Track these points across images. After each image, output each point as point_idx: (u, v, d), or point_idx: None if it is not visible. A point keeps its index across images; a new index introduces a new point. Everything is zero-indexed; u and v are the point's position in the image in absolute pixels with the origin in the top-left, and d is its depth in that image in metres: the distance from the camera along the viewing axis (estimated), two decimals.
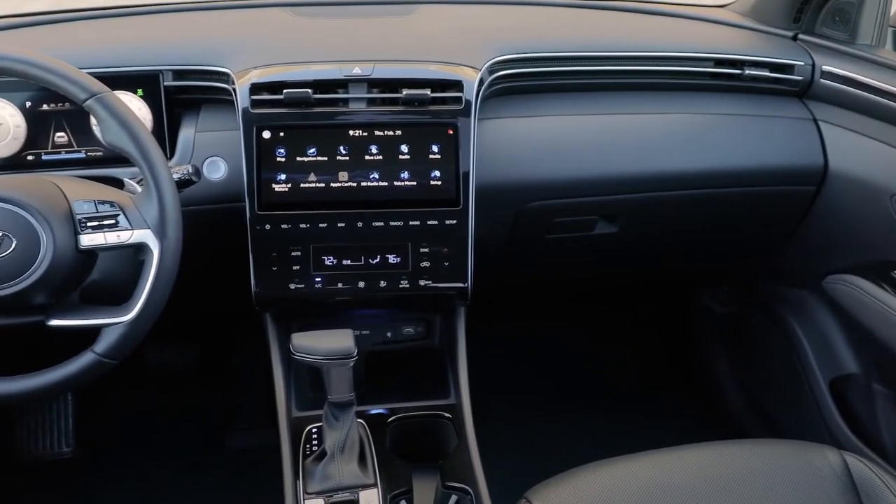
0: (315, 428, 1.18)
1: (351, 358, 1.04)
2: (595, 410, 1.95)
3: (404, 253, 1.19)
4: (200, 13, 1.40)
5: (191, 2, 1.45)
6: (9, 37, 1.32)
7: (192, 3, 1.44)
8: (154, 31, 1.35)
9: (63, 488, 1.76)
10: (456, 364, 1.27)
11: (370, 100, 1.18)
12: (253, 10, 1.41)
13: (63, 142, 1.20)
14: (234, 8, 1.41)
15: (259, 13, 1.39)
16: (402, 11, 1.40)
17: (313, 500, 1.06)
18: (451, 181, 1.18)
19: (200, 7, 1.41)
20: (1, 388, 0.95)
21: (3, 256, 0.91)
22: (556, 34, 1.38)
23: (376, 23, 1.37)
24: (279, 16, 1.37)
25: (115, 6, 1.42)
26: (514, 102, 1.30)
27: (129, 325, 0.94)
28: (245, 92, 1.16)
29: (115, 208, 0.95)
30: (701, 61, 1.38)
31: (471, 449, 1.17)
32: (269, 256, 1.17)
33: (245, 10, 1.40)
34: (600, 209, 1.37)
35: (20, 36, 1.32)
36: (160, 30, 1.35)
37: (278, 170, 1.16)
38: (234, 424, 1.88)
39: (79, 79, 0.94)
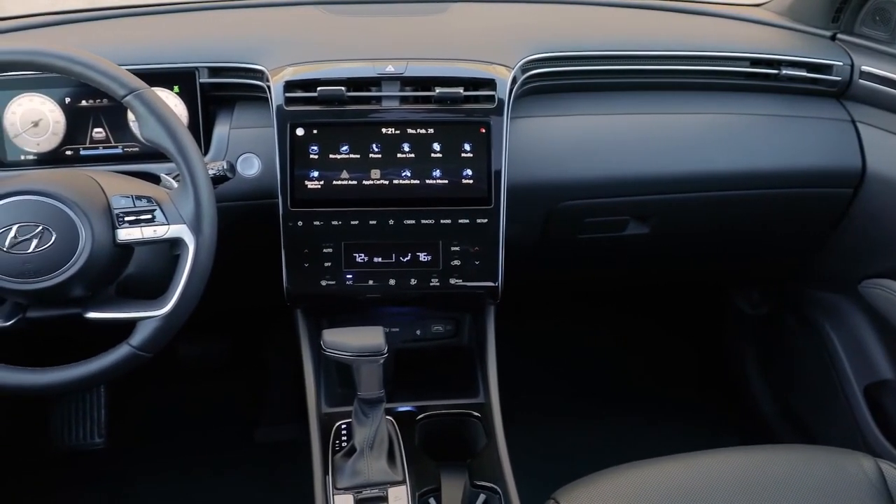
0: (344, 424, 1.19)
1: (381, 355, 1.04)
2: (622, 412, 1.94)
3: (435, 251, 1.19)
4: (235, 11, 1.41)
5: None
6: (48, 34, 1.35)
7: (228, 1, 1.46)
8: (190, 28, 1.36)
9: (94, 478, 1.79)
10: (485, 363, 1.27)
11: (403, 98, 1.19)
12: (287, 7, 1.41)
13: (101, 137, 1.22)
14: (269, 6, 1.42)
15: (293, 11, 1.40)
16: (436, 9, 1.40)
17: (342, 496, 1.06)
18: (483, 180, 1.18)
19: (235, 5, 1.42)
20: (38, 380, 0.97)
21: (43, 249, 0.92)
22: (589, 33, 1.37)
23: (410, 21, 1.37)
24: (313, 13, 1.38)
25: (152, 4, 1.44)
26: (546, 101, 1.29)
27: (164, 318, 0.96)
28: (279, 89, 1.17)
29: (151, 203, 0.97)
30: (736, 61, 1.36)
31: (500, 448, 1.17)
32: (301, 253, 1.18)
33: (279, 8, 1.41)
34: (632, 209, 1.36)
35: (58, 33, 1.35)
36: (196, 27, 1.37)
37: (311, 167, 1.17)
38: (263, 419, 1.90)
39: (118, 75, 0.95)
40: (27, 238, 0.92)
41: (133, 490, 1.76)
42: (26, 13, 1.43)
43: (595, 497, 1.01)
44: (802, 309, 1.72)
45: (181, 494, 1.74)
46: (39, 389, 0.98)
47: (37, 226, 0.92)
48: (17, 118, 1.19)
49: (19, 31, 1.36)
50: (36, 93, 1.19)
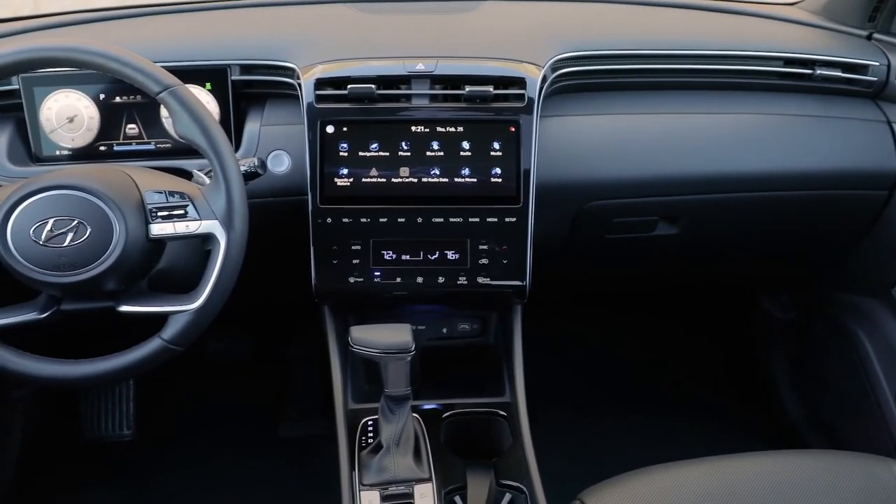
0: (371, 420, 1.19)
1: (409, 352, 1.04)
2: (647, 415, 1.93)
3: (463, 249, 1.19)
4: (267, 9, 1.42)
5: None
6: (82, 31, 1.37)
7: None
8: (222, 26, 1.37)
9: (122, 469, 1.81)
10: (512, 362, 1.27)
11: (432, 96, 1.19)
12: (318, 6, 1.42)
13: (134, 133, 1.23)
14: (300, 4, 1.42)
15: (324, 9, 1.40)
16: (466, 7, 1.40)
17: (368, 492, 1.07)
18: (512, 179, 1.18)
19: (267, 3, 1.43)
20: (71, 371, 0.98)
21: (78, 243, 0.93)
22: (620, 31, 1.36)
23: (439, 19, 1.37)
24: (344, 12, 1.38)
25: (185, 1, 1.45)
26: (576, 100, 1.29)
27: (195, 313, 0.97)
28: (310, 87, 1.17)
29: (184, 199, 0.98)
30: (770, 60, 1.35)
31: (526, 448, 1.17)
32: (330, 250, 1.19)
33: (310, 6, 1.42)
34: (662, 210, 1.35)
35: (92, 30, 1.37)
36: (228, 25, 1.38)
37: (341, 164, 1.17)
38: (288, 414, 1.91)
39: (153, 72, 0.96)
40: (63, 232, 0.93)
41: (159, 482, 1.78)
42: (61, 11, 1.45)
43: (622, 498, 1.01)
44: (833, 313, 1.69)
45: (207, 487, 1.76)
46: (72, 381, 0.99)
47: (72, 220, 0.94)
48: (53, 114, 1.21)
49: (54, 29, 1.38)
50: (71, 89, 1.21)
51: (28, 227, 0.93)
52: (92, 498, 1.73)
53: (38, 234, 0.93)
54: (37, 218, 0.93)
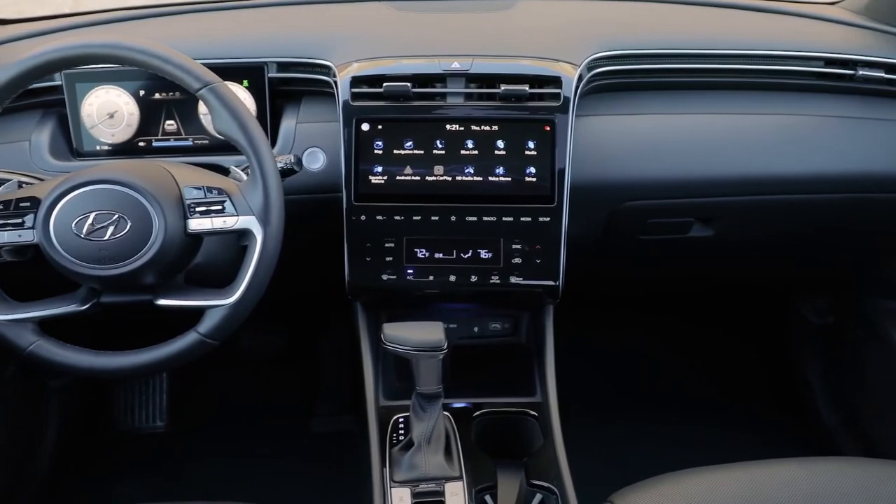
0: (402, 418, 1.20)
1: (441, 351, 1.04)
2: (678, 418, 1.90)
3: (496, 248, 1.19)
4: (303, 7, 1.43)
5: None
6: (122, 29, 1.39)
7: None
8: (259, 24, 1.39)
9: (154, 460, 1.84)
10: (543, 362, 1.26)
11: (468, 94, 1.19)
12: (354, 4, 1.43)
13: (172, 129, 1.25)
14: (336, 2, 1.43)
15: (360, 7, 1.41)
16: (501, 6, 1.39)
17: (400, 489, 1.07)
18: (547, 178, 1.18)
19: (303, 1, 1.44)
20: (110, 363, 1.00)
21: (118, 237, 0.95)
22: (657, 30, 1.35)
23: (475, 17, 1.37)
24: (379, 10, 1.39)
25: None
26: (612, 99, 1.28)
27: (231, 307, 0.98)
28: (346, 85, 1.18)
29: (222, 195, 0.99)
30: (809, 61, 1.32)
31: (557, 449, 1.16)
32: (363, 247, 1.19)
33: (346, 5, 1.42)
34: (697, 211, 1.33)
35: (132, 28, 1.39)
36: (265, 23, 1.39)
37: (375, 162, 1.18)
38: (318, 410, 1.92)
39: (193, 69, 0.97)
40: (104, 226, 0.95)
41: (190, 474, 1.80)
42: (101, 9, 1.48)
43: (653, 502, 1.00)
44: (871, 318, 1.66)
45: (237, 480, 1.78)
46: (110, 372, 1.01)
47: (113, 214, 0.95)
48: (94, 110, 1.23)
49: (95, 26, 1.41)
50: (112, 85, 1.23)
51: (70, 221, 0.95)
52: (124, 488, 1.75)
53: (79, 228, 0.95)
54: (79, 212, 0.95)
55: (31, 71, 0.96)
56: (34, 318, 0.99)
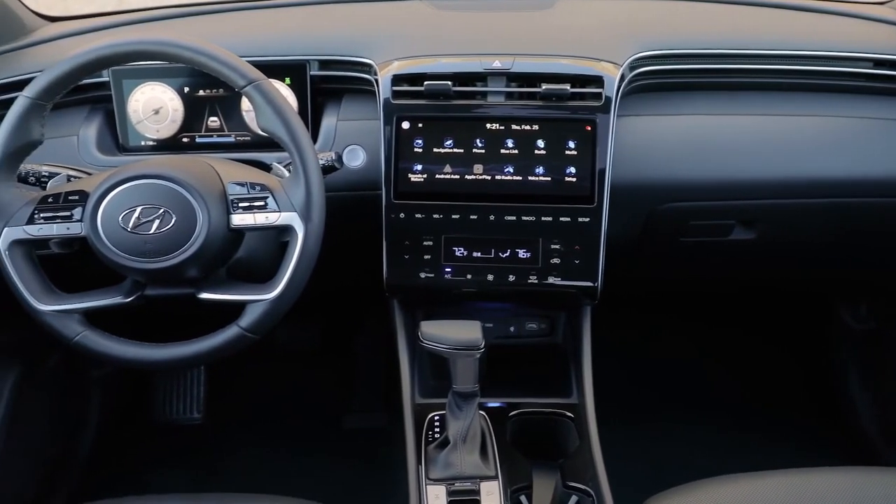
0: (437, 416, 1.20)
1: (478, 350, 1.04)
2: (714, 423, 1.88)
3: (535, 248, 1.19)
4: (344, 5, 1.44)
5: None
6: (166, 27, 1.41)
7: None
8: (301, 22, 1.40)
9: (191, 451, 1.87)
10: (580, 364, 1.26)
11: (508, 93, 1.19)
12: (395, 2, 1.43)
13: (215, 126, 1.27)
14: (377, 0, 1.44)
15: (401, 6, 1.41)
16: (543, 5, 1.38)
17: (435, 487, 1.07)
18: (587, 178, 1.17)
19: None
20: (153, 355, 1.02)
21: (163, 231, 0.97)
22: (701, 30, 1.33)
23: (516, 16, 1.36)
24: (421, 8, 1.39)
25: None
26: (653, 99, 1.27)
27: (272, 302, 0.99)
28: (387, 83, 1.18)
29: (264, 191, 1.00)
30: (858, 61, 1.29)
31: (594, 451, 1.16)
32: (402, 245, 1.20)
33: (387, 3, 1.43)
34: (738, 214, 1.31)
35: (175, 26, 1.41)
36: (307, 21, 1.40)
37: (415, 160, 1.18)
38: (352, 406, 1.94)
39: (239, 66, 0.98)
40: (150, 220, 0.97)
41: (225, 466, 1.82)
42: (145, 7, 1.50)
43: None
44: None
45: (270, 473, 1.79)
46: (153, 364, 1.03)
47: (159, 208, 0.97)
48: (140, 106, 1.25)
49: (140, 24, 1.43)
50: (158, 82, 1.25)
51: (117, 215, 0.97)
52: (161, 477, 1.78)
53: (126, 221, 0.97)
54: (126, 205, 0.97)
55: (83, 67, 0.98)
56: (81, 310, 1.01)
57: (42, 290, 1.00)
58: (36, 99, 0.99)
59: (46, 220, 0.99)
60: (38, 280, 1.01)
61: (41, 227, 0.99)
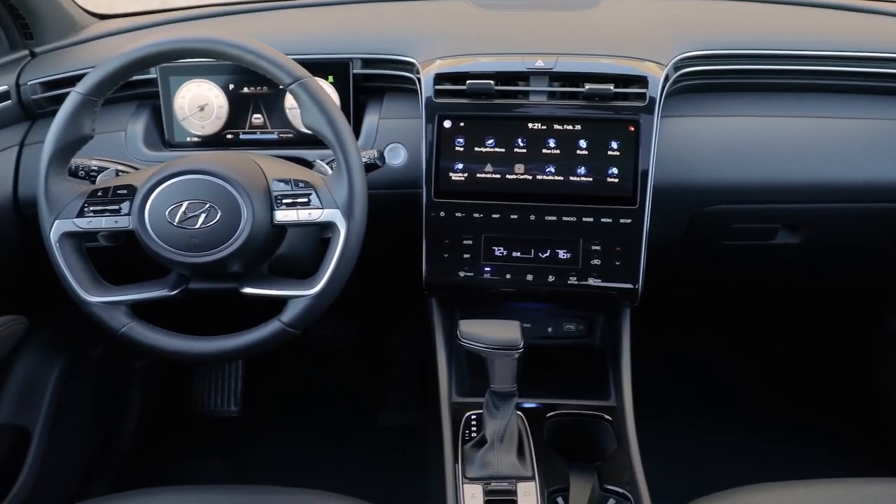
0: (474, 415, 1.20)
1: (517, 350, 1.04)
2: (752, 431, 1.85)
3: (575, 249, 1.18)
4: (387, 4, 1.45)
5: None
6: (211, 25, 1.43)
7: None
8: (344, 21, 1.41)
9: (227, 443, 1.89)
10: (619, 367, 1.25)
11: (551, 93, 1.18)
12: (437, 1, 1.43)
13: (259, 123, 1.28)
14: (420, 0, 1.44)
15: (443, 5, 1.42)
16: (586, 4, 1.38)
17: (471, 486, 1.07)
18: (629, 179, 1.16)
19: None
20: (197, 347, 1.03)
21: (209, 226, 0.98)
22: (747, 30, 1.31)
23: (559, 15, 1.36)
24: (463, 7, 1.39)
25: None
26: (697, 100, 1.25)
27: (314, 297, 1.00)
28: (429, 81, 1.19)
29: (308, 188, 1.01)
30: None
31: (632, 454, 1.15)
32: (442, 243, 1.20)
33: (429, 2, 1.43)
34: (784, 217, 1.29)
35: (219, 24, 1.43)
36: (349, 20, 1.41)
37: (456, 159, 1.18)
38: (386, 403, 1.94)
39: (285, 64, 0.99)
40: (195, 214, 0.98)
41: (260, 459, 1.84)
42: (188, 6, 1.53)
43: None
44: None
45: (304, 468, 1.81)
46: (196, 356, 1.04)
47: (205, 203, 0.98)
48: (186, 102, 1.27)
49: (187, 22, 1.45)
50: (203, 79, 1.26)
51: (164, 209, 0.98)
52: (199, 469, 1.81)
53: (172, 216, 0.98)
54: (172, 200, 0.99)
55: (133, 64, 1.00)
56: (127, 302, 1.03)
57: (91, 282, 1.02)
58: (88, 95, 1.01)
59: (96, 214, 1.01)
60: (86, 272, 1.03)
61: (90, 220, 1.01)
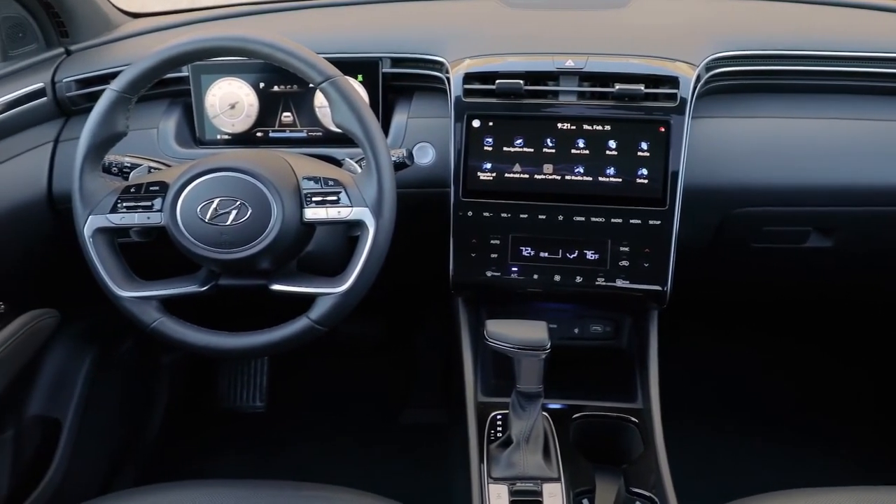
0: (499, 415, 1.20)
1: (544, 350, 1.04)
2: (778, 435, 1.83)
3: (603, 250, 1.18)
4: (416, 3, 1.45)
5: None
6: (240, 24, 1.44)
7: None
8: (373, 20, 1.41)
9: (252, 439, 1.91)
10: (646, 369, 1.24)
11: (580, 93, 1.17)
12: (466, 0, 1.43)
13: (288, 121, 1.29)
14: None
15: (472, 4, 1.41)
16: (616, 3, 1.37)
17: (497, 486, 1.07)
18: (659, 180, 1.15)
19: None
20: (226, 343, 1.04)
21: (239, 223, 0.99)
22: (781, 30, 1.29)
23: (589, 15, 1.35)
24: (492, 6, 1.39)
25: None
26: (729, 101, 1.24)
27: (342, 295, 1.00)
28: (458, 81, 1.19)
29: (337, 186, 1.01)
30: None
31: (659, 458, 1.14)
32: (469, 242, 1.20)
33: (458, 1, 1.43)
34: (816, 221, 1.27)
35: (248, 23, 1.44)
36: (379, 19, 1.41)
37: (485, 158, 1.18)
38: (410, 401, 1.95)
39: (317, 63, 1.00)
40: (226, 211, 0.99)
41: (284, 455, 1.86)
42: (217, 5, 1.54)
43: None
44: None
45: (327, 464, 1.82)
46: (226, 352, 1.05)
47: (235, 201, 0.99)
48: (217, 100, 1.28)
49: (218, 21, 1.47)
50: (234, 77, 1.28)
51: (196, 206, 0.99)
52: (224, 463, 1.83)
53: (203, 213, 0.99)
54: (204, 197, 1.00)
55: (168, 62, 1.01)
56: (158, 297, 1.04)
57: (123, 277, 1.04)
58: (122, 92, 1.02)
59: (128, 210, 1.02)
60: (119, 267, 1.04)
61: (123, 216, 1.02)
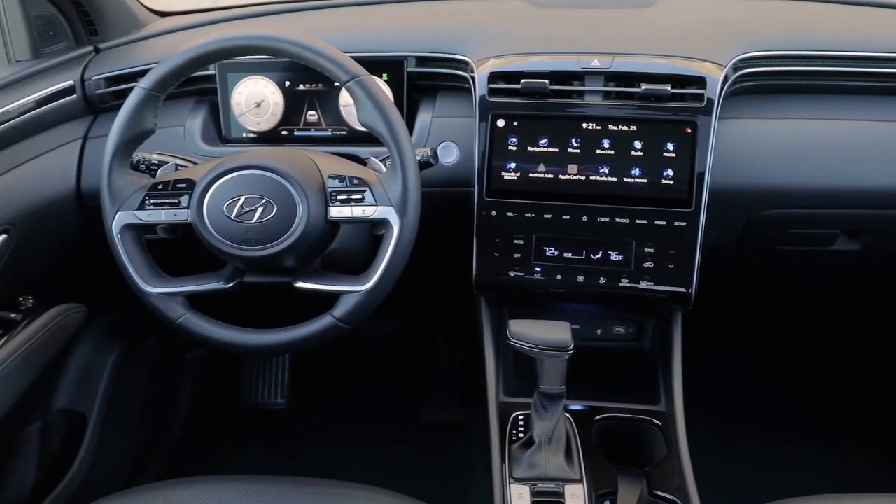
0: (521, 415, 1.19)
1: (567, 351, 1.03)
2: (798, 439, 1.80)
3: (628, 251, 1.17)
4: (441, 3, 1.45)
5: None
6: (269, 22, 1.45)
7: None
8: (398, 19, 1.41)
9: (273, 435, 1.92)
10: (670, 372, 1.23)
11: (606, 93, 1.17)
12: (491, 0, 1.43)
13: (313, 120, 1.30)
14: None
15: (497, 3, 1.41)
16: (642, 3, 1.36)
17: (519, 486, 1.07)
18: (685, 181, 1.14)
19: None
20: (251, 340, 1.05)
21: (265, 220, 1.00)
22: (809, 30, 1.28)
23: (614, 14, 1.34)
24: (517, 6, 1.38)
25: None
26: (756, 102, 1.23)
27: (366, 293, 1.00)
28: (483, 80, 1.18)
29: (362, 184, 1.01)
30: None
31: (683, 461, 1.13)
32: (493, 242, 1.20)
33: (483, 1, 1.43)
34: (843, 223, 1.25)
35: (273, 22, 1.45)
36: (404, 18, 1.42)
37: (509, 158, 1.18)
38: (431, 400, 1.95)
39: (343, 62, 1.00)
40: (252, 209, 1.00)
41: (305, 451, 1.87)
42: (241, 4, 1.55)
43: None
44: None
45: (347, 462, 1.82)
46: (250, 348, 1.06)
47: (261, 198, 1.00)
48: (243, 99, 1.29)
49: (244, 20, 1.48)
50: (260, 76, 1.28)
51: (222, 203, 1.00)
52: (246, 459, 1.84)
53: (230, 210, 1.00)
54: (230, 194, 1.00)
55: (196, 60, 1.02)
56: (184, 293, 1.05)
57: (150, 273, 1.05)
58: (151, 90, 1.03)
59: (156, 207, 1.03)
60: (146, 263, 1.05)
61: (151, 212, 1.03)
